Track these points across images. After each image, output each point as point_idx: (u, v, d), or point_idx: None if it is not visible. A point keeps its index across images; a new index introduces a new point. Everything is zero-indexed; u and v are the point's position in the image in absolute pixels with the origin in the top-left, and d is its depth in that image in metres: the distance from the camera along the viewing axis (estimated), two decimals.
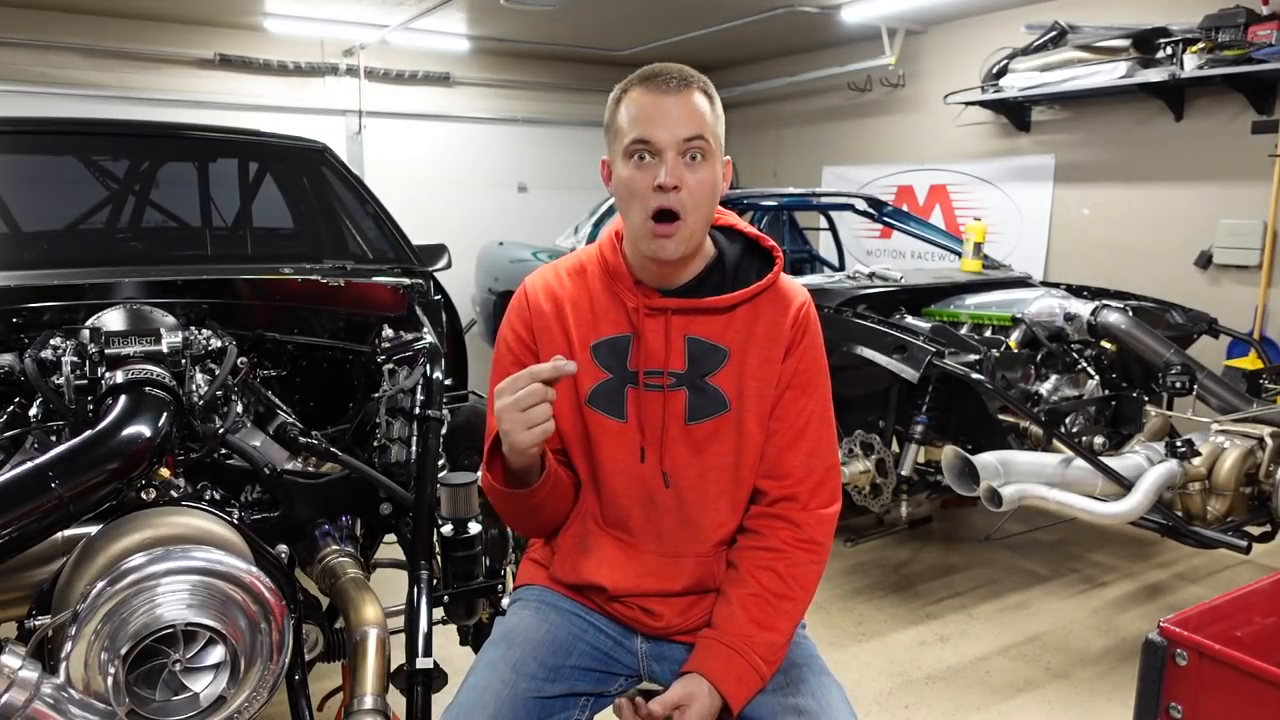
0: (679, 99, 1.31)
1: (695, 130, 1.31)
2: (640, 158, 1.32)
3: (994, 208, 6.23)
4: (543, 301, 1.46)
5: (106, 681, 1.29)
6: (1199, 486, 2.83)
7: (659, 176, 1.30)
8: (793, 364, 1.43)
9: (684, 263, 1.40)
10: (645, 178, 1.31)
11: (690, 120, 1.31)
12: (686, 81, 1.33)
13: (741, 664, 1.34)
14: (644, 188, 1.32)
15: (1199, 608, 1.27)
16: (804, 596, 1.40)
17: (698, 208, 1.33)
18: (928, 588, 3.52)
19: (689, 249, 1.36)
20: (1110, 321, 3.28)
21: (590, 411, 1.43)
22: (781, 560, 1.39)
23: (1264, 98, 4.76)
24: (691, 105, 1.32)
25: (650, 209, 1.32)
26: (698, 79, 1.35)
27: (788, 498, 1.42)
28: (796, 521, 1.41)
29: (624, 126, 1.33)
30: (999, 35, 5.91)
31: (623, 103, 1.35)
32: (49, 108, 6.17)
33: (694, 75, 1.35)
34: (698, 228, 1.35)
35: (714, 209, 1.39)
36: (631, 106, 1.33)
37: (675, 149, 1.31)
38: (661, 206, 1.31)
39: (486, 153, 8.12)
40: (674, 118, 1.31)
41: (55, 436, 1.71)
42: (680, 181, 1.30)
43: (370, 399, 2.11)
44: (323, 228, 3.06)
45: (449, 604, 1.94)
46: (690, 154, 1.32)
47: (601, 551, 1.46)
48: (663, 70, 1.34)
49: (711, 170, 1.34)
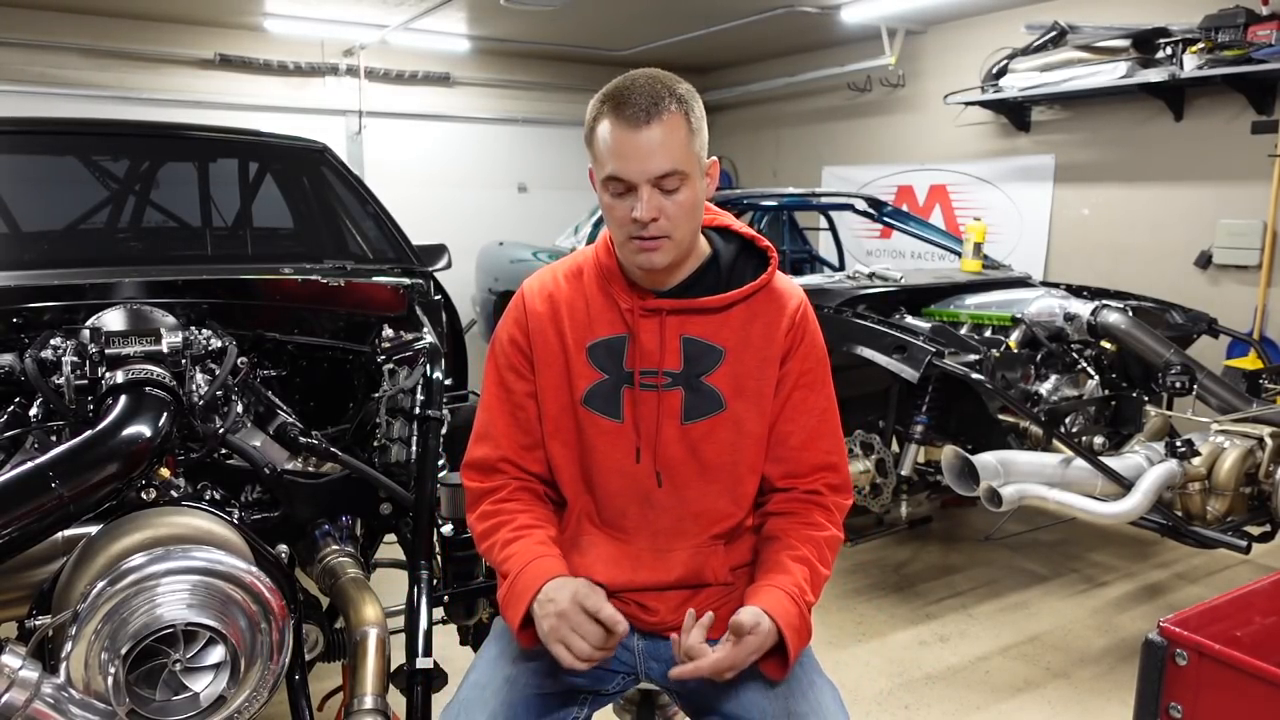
0: (649, 133, 1.27)
1: (668, 166, 1.28)
2: (616, 192, 1.33)
3: (994, 208, 6.24)
4: (539, 305, 1.46)
5: (107, 681, 1.29)
6: (1199, 486, 2.83)
7: (635, 211, 1.30)
8: (796, 365, 1.44)
9: (674, 266, 1.41)
10: (623, 207, 1.32)
11: (662, 156, 1.28)
12: (655, 109, 1.28)
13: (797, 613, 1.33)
14: (623, 216, 1.33)
15: (1199, 608, 1.27)
16: (828, 575, 1.44)
17: (678, 228, 1.33)
18: (928, 588, 3.52)
19: (676, 258, 1.37)
20: (1110, 321, 3.27)
21: (585, 412, 1.43)
22: (822, 534, 1.43)
23: (1264, 98, 4.76)
24: (662, 138, 1.28)
25: (630, 234, 1.33)
26: (669, 99, 1.29)
27: (813, 492, 1.46)
28: (828, 507, 1.46)
29: (600, 155, 1.33)
30: (999, 35, 5.92)
31: (597, 128, 1.33)
32: (49, 108, 6.17)
33: (664, 95, 1.29)
34: (684, 239, 1.36)
35: (699, 218, 1.39)
36: (605, 136, 1.31)
37: (649, 183, 1.30)
38: (639, 236, 1.32)
39: (486, 153, 8.12)
40: (644, 153, 1.28)
41: (55, 436, 1.71)
42: (658, 212, 1.30)
43: (370, 399, 2.12)
44: (323, 228, 3.06)
45: (449, 604, 1.94)
46: (664, 187, 1.30)
47: (596, 550, 1.47)
48: (631, 97, 1.29)
49: (690, 191, 1.32)
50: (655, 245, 1.33)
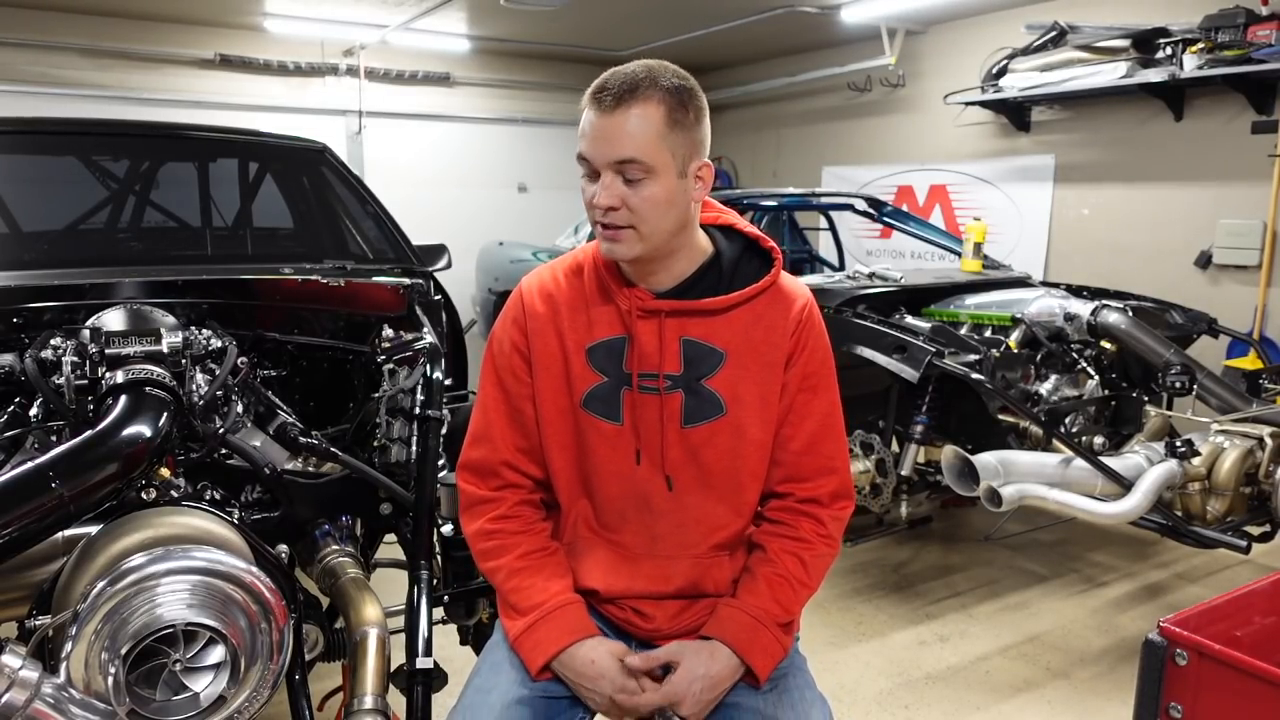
0: (613, 119, 1.27)
1: (627, 154, 1.26)
2: (585, 174, 1.33)
3: (994, 208, 6.24)
4: (538, 303, 1.44)
5: (107, 681, 1.29)
6: (1199, 486, 2.83)
7: (595, 195, 1.31)
8: (800, 368, 1.42)
9: (661, 263, 1.38)
10: (590, 191, 1.33)
11: (622, 143, 1.26)
12: (630, 94, 1.26)
13: (766, 635, 1.36)
14: (588, 200, 1.33)
15: (1199, 608, 1.27)
16: (816, 587, 1.44)
17: (645, 222, 1.30)
18: (928, 588, 3.52)
19: (644, 252, 1.34)
20: (1110, 321, 3.27)
21: (584, 415, 1.41)
22: (807, 550, 1.42)
23: (1264, 98, 4.76)
24: (627, 125, 1.26)
25: (594, 218, 1.34)
26: (649, 88, 1.27)
27: (811, 500, 1.44)
28: (820, 518, 1.44)
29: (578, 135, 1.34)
30: (999, 35, 5.92)
31: (583, 111, 1.34)
32: (49, 108, 6.17)
33: (644, 83, 1.27)
34: (653, 235, 1.32)
35: (676, 218, 1.33)
36: (583, 119, 1.32)
37: (611, 169, 1.29)
38: (599, 222, 1.32)
39: (486, 153, 8.12)
40: (607, 137, 1.28)
41: (55, 436, 1.71)
42: (618, 201, 1.29)
43: (370, 399, 2.11)
44: (323, 228, 3.06)
45: (449, 604, 1.94)
46: (626, 175, 1.28)
47: (594, 555, 1.45)
48: (607, 83, 1.29)
49: (658, 187, 1.28)
50: (616, 235, 1.32)
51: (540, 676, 1.37)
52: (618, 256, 1.34)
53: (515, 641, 1.39)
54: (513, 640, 1.39)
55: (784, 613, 1.39)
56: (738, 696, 1.37)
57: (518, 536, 1.43)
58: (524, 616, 1.38)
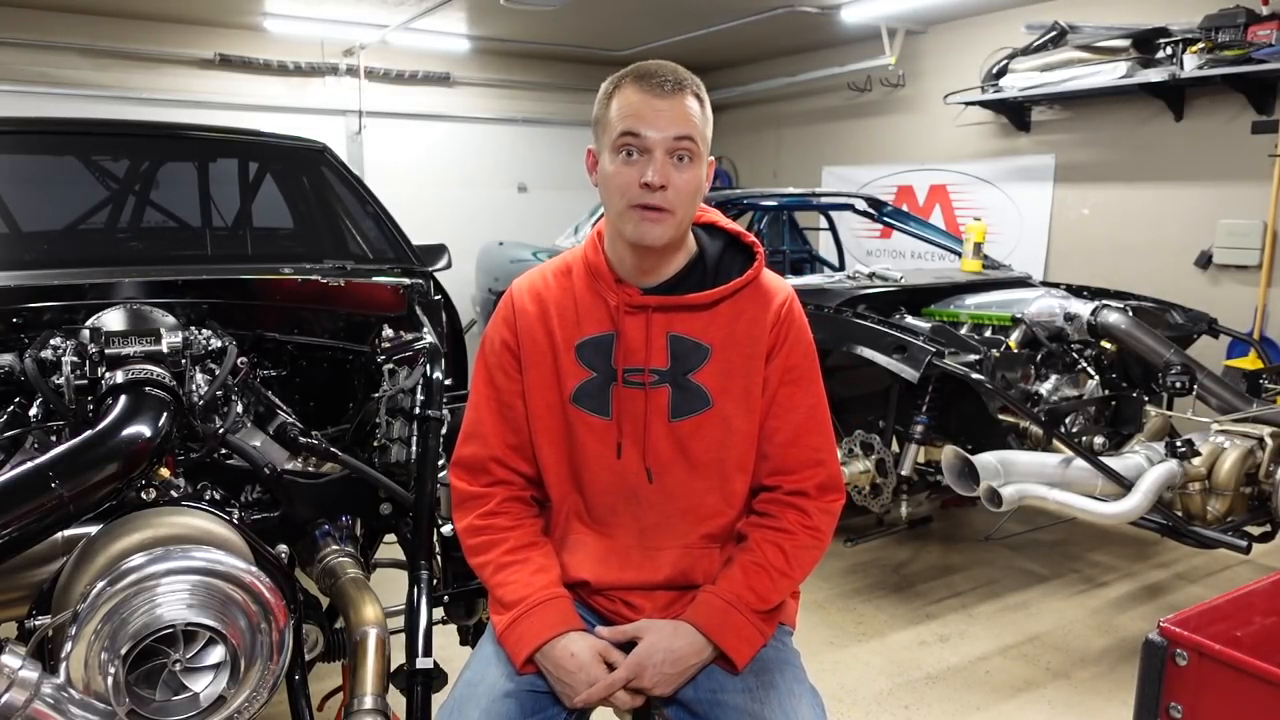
0: (672, 101, 1.33)
1: (685, 131, 1.33)
2: (629, 153, 1.34)
3: (994, 208, 6.23)
4: (528, 304, 1.47)
5: (106, 681, 1.29)
6: (1199, 486, 2.83)
7: (646, 174, 1.32)
8: (781, 361, 1.44)
9: (666, 256, 1.42)
10: (632, 174, 1.33)
11: (682, 122, 1.33)
12: (680, 84, 1.34)
13: (739, 619, 1.38)
14: (629, 183, 1.33)
15: (1199, 608, 1.27)
16: (800, 577, 1.45)
17: (681, 205, 1.35)
18: (928, 588, 3.52)
19: (674, 237, 1.38)
20: (1110, 321, 3.27)
21: (574, 410, 1.44)
22: (789, 540, 1.43)
23: (1264, 98, 4.76)
24: (684, 108, 1.34)
25: (632, 201, 1.34)
26: (691, 82, 1.36)
27: (798, 493, 1.45)
28: (806, 510, 1.45)
29: (614, 120, 1.35)
30: (999, 35, 5.91)
31: (615, 97, 1.36)
32: (49, 108, 6.17)
33: (687, 78, 1.36)
34: (683, 221, 1.39)
35: (698, 205, 1.42)
36: (624, 103, 1.34)
37: (664, 148, 1.32)
38: (647, 204, 1.33)
39: (486, 153, 8.11)
40: (666, 118, 1.32)
41: (55, 436, 1.71)
42: (667, 180, 1.32)
43: (370, 399, 2.11)
44: (323, 228, 3.06)
45: (449, 604, 1.94)
46: (679, 154, 1.34)
47: (585, 548, 1.47)
48: (658, 70, 1.35)
49: (697, 171, 1.36)
50: (658, 217, 1.34)
51: (525, 670, 1.38)
52: (652, 240, 1.36)
53: (501, 635, 1.40)
54: (499, 634, 1.41)
55: (759, 600, 1.39)
56: (724, 695, 1.37)
57: (506, 532, 1.45)
58: (509, 610, 1.40)
